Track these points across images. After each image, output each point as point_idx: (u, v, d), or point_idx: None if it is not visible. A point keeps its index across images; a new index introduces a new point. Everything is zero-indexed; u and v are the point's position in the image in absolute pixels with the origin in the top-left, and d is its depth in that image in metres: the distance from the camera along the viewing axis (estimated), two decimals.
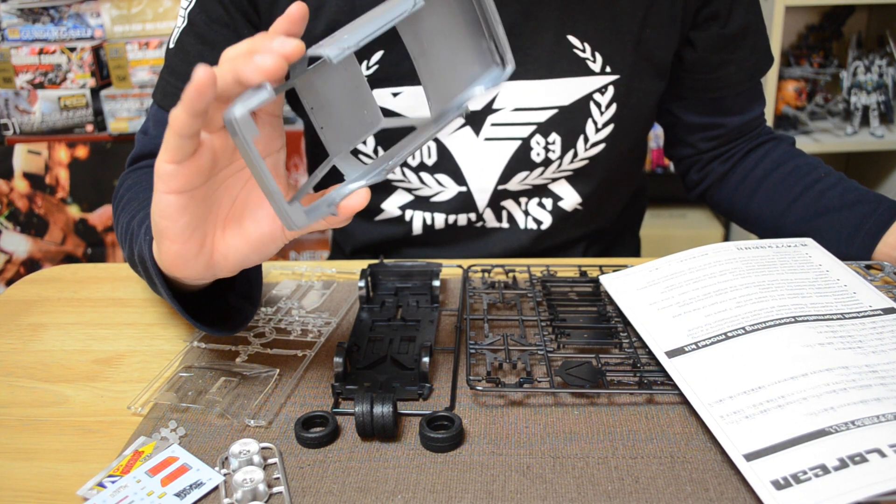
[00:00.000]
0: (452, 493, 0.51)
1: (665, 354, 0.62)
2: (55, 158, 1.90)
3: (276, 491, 0.52)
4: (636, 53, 0.84)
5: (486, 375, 0.61)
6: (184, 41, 0.82)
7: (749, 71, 0.90)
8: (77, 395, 0.63)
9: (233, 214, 0.57)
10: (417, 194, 0.90)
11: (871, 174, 2.24)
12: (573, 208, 0.92)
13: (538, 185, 0.90)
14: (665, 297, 0.68)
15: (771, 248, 0.74)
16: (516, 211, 0.92)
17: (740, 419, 0.54)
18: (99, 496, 0.51)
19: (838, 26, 2.17)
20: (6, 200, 1.93)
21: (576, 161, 0.89)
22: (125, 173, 0.84)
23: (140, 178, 0.79)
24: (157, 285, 0.62)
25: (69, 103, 1.87)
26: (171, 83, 0.83)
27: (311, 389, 0.63)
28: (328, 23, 0.80)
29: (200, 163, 0.53)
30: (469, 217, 0.91)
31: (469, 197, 0.90)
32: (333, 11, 0.80)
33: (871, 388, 0.54)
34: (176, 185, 0.52)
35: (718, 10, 0.85)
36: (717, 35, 0.86)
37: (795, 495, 0.47)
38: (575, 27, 0.82)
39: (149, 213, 0.65)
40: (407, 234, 0.93)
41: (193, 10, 0.81)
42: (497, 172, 0.88)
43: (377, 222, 0.94)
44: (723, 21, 0.85)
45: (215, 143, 0.53)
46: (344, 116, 0.58)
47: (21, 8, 1.86)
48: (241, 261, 0.58)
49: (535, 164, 0.88)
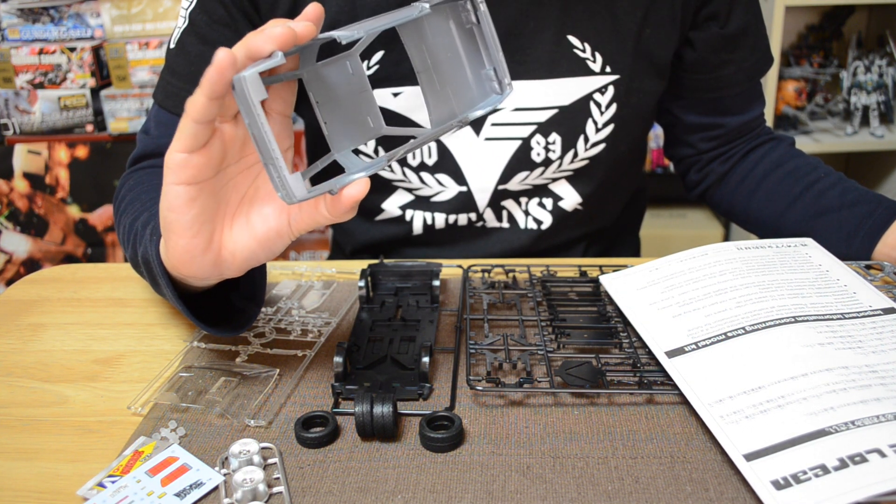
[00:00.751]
0: (452, 493, 0.51)
1: (665, 354, 0.62)
2: (55, 158, 1.90)
3: (276, 491, 0.52)
4: (636, 53, 0.84)
5: (486, 375, 0.61)
6: (185, 41, 0.82)
7: (748, 71, 0.90)
8: (77, 395, 0.63)
9: (240, 210, 0.58)
10: (418, 194, 0.90)
11: (871, 174, 2.24)
12: (573, 208, 0.92)
13: (538, 185, 0.90)
14: (665, 297, 0.69)
15: (771, 248, 0.74)
16: (516, 211, 0.92)
17: (740, 419, 0.54)
18: (99, 496, 0.51)
19: (838, 26, 2.17)
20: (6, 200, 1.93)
21: (576, 161, 0.89)
22: (126, 174, 0.84)
23: (142, 179, 0.79)
24: (162, 286, 0.62)
25: (69, 103, 1.87)
26: (172, 83, 0.83)
27: (311, 389, 0.63)
28: (329, 22, 0.80)
29: (211, 153, 0.53)
30: (469, 217, 0.91)
31: (469, 197, 0.90)
32: (334, 11, 0.80)
33: (870, 388, 0.54)
34: (186, 175, 0.53)
35: (718, 10, 0.85)
36: (716, 35, 0.86)
37: (795, 495, 0.47)
38: (575, 27, 0.82)
39: (153, 214, 0.65)
40: (407, 233, 0.93)
41: (194, 11, 0.81)
42: (497, 172, 0.88)
43: (377, 222, 0.94)
44: (722, 21, 0.85)
45: (226, 132, 0.54)
46: (348, 115, 0.59)
47: (21, 8, 1.86)
48: (248, 258, 0.58)
49: (536, 164, 0.88)
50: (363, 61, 0.82)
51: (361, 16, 0.80)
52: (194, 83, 0.84)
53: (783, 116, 2.07)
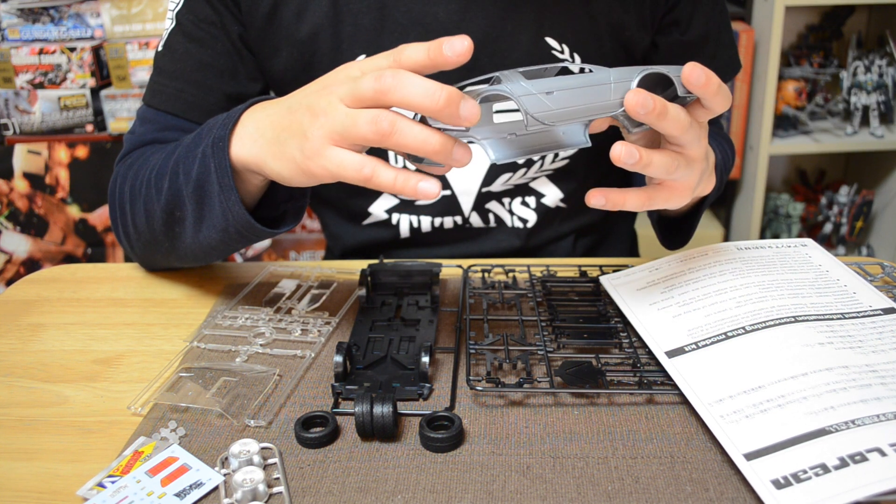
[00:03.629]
0: (452, 493, 0.51)
1: (665, 354, 0.62)
2: (55, 158, 1.89)
3: (276, 491, 0.52)
4: (614, 55, 0.85)
5: (486, 375, 0.61)
6: (172, 41, 0.82)
7: None
8: (77, 395, 0.63)
9: None
10: (403, 197, 0.90)
11: (871, 174, 2.24)
12: (556, 205, 0.93)
13: (520, 184, 0.91)
14: (665, 297, 0.68)
15: (771, 249, 0.74)
16: (501, 211, 0.92)
17: (740, 419, 0.54)
18: (99, 496, 0.51)
19: (838, 26, 2.17)
20: (6, 200, 1.93)
21: (556, 161, 0.90)
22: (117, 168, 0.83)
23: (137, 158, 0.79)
24: (226, 200, 0.64)
25: (69, 103, 1.87)
26: (158, 81, 0.83)
27: (311, 389, 0.63)
28: (311, 27, 0.80)
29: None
30: (455, 220, 0.92)
31: (454, 200, 0.90)
32: (317, 15, 0.80)
33: (871, 387, 0.54)
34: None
35: (679, 16, 0.85)
36: (676, 42, 0.87)
37: (796, 494, 0.47)
38: (552, 28, 0.83)
39: (194, 142, 0.66)
40: (395, 237, 0.94)
41: (181, 11, 0.81)
42: (480, 175, 0.89)
43: (365, 226, 0.94)
44: (683, 28, 0.86)
45: None
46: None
47: (21, 8, 1.86)
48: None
49: (519, 166, 0.88)
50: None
51: (345, 22, 0.80)
52: (180, 79, 0.83)
53: (783, 116, 2.07)
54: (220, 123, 0.64)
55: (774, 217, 2.24)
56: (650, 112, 0.55)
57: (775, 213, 2.23)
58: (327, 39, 0.81)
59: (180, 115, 0.82)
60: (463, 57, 0.52)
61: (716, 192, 0.77)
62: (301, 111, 0.57)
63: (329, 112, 0.55)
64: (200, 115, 0.81)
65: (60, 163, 1.90)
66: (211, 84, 0.82)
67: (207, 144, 0.64)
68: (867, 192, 2.17)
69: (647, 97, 0.55)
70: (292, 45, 0.81)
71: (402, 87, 0.52)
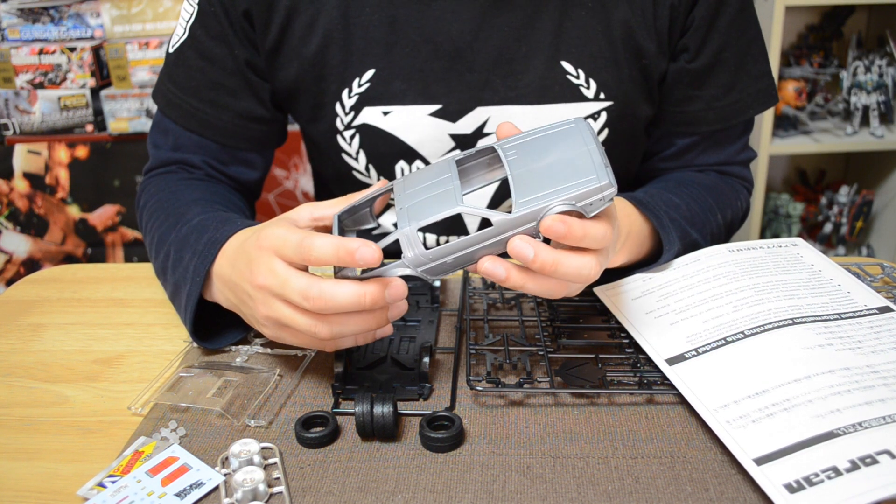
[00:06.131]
0: (452, 493, 0.51)
1: (666, 362, 0.62)
2: (55, 158, 1.89)
3: (276, 491, 0.52)
4: (631, 80, 0.82)
5: (486, 375, 0.61)
6: (185, 53, 0.82)
7: (721, 111, 0.85)
8: (77, 396, 0.63)
9: None
10: None
11: (871, 174, 2.24)
12: None
13: None
14: (661, 305, 0.68)
15: (762, 249, 0.73)
16: None
17: (747, 423, 0.53)
18: (99, 496, 0.51)
19: (838, 26, 2.17)
20: (6, 200, 1.93)
21: None
22: (145, 180, 0.86)
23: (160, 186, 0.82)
24: (187, 308, 0.67)
25: (69, 103, 1.87)
26: (175, 93, 0.83)
27: (311, 389, 0.63)
28: (322, 39, 0.80)
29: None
30: None
31: (459, 219, 0.90)
32: (328, 28, 0.79)
33: (874, 388, 0.54)
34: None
35: (689, 43, 0.82)
36: (682, 69, 0.83)
37: (810, 498, 0.47)
38: (569, 52, 0.81)
39: (187, 238, 0.70)
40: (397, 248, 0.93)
41: (194, 25, 0.81)
42: (488, 196, 0.88)
43: (374, 236, 0.94)
44: (691, 55, 0.82)
45: None
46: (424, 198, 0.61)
47: (21, 8, 1.86)
48: None
49: None
50: (353, 80, 0.81)
51: (355, 36, 0.79)
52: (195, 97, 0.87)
53: (783, 117, 2.07)
54: (200, 254, 0.68)
55: (774, 217, 2.24)
56: (530, 263, 0.55)
57: (775, 213, 2.23)
58: (337, 52, 0.80)
59: (196, 132, 0.83)
60: (372, 264, 0.57)
61: (667, 254, 0.74)
62: (245, 305, 0.63)
63: (270, 312, 0.60)
64: (215, 133, 0.83)
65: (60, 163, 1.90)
66: (224, 103, 0.83)
67: (189, 270, 0.68)
68: (867, 192, 2.17)
69: (528, 249, 0.55)
70: (302, 57, 0.81)
71: (329, 298, 0.58)
